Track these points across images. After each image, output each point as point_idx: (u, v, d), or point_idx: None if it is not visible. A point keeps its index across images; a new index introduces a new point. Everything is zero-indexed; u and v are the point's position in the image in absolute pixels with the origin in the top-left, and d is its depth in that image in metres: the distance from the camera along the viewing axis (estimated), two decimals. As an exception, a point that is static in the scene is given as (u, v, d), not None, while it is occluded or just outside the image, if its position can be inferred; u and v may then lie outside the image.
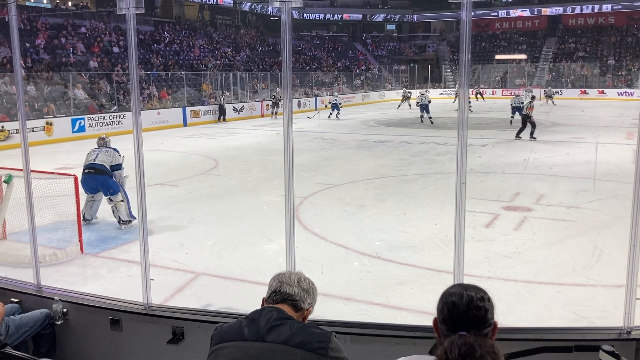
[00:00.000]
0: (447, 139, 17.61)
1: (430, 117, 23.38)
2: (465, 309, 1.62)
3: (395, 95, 42.98)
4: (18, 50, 3.99)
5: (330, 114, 27.28)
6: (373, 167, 13.20)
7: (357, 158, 14.76)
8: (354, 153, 15.80)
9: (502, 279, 5.96)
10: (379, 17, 51.94)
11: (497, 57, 45.60)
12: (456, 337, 1.52)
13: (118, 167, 8.42)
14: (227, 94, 28.83)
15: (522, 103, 20.69)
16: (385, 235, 7.63)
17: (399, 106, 31.86)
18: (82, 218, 7.82)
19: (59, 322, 3.68)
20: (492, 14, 48.20)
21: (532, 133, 17.16)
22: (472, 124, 18.79)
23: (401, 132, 20.73)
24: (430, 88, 43.79)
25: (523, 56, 45.51)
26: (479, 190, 10.08)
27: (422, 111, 23.85)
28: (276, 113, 28.06)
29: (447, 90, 42.86)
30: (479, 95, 36.44)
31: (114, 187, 8.15)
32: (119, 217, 8.16)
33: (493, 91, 41.79)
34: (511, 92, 40.57)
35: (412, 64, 47.95)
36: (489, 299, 1.67)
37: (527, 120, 17.28)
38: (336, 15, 50.61)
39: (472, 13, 3.01)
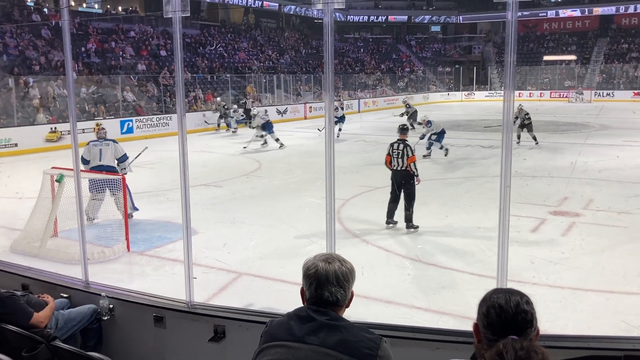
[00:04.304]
0: (492, 142, 17.27)
1: (278, 140, 17.62)
2: (513, 313, 1.60)
3: (440, 97, 42.51)
4: (70, 53, 4.12)
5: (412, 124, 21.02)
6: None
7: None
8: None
9: (547, 285, 5.80)
10: (424, 19, 51.46)
11: (545, 58, 44.48)
12: (510, 341, 1.50)
13: (124, 157, 8.72)
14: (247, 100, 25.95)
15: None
16: (428, 238, 7.55)
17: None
18: (86, 217, 8.02)
19: (106, 318, 3.78)
20: (540, 14, 47.05)
21: (407, 219, 7.94)
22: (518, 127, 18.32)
23: (446, 135, 20.41)
24: (475, 90, 43.10)
25: (572, 57, 44.23)
26: (524, 194, 9.85)
27: (263, 130, 17.77)
28: (229, 126, 22.60)
29: (492, 92, 42.09)
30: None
31: (120, 184, 8.29)
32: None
33: (541, 93, 40.79)
34: (560, 95, 39.45)
35: (457, 66, 47.30)
36: (532, 303, 1.65)
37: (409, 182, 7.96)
38: (380, 17, 50.39)
39: (520, 14, 2.95)
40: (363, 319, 3.60)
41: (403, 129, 8.47)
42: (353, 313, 2.10)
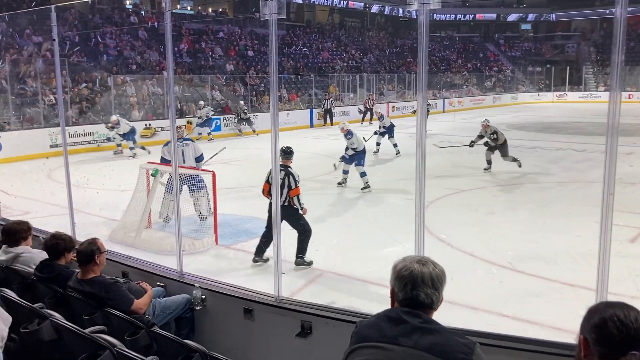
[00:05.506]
0: (585, 146, 16.40)
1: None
2: (635, 328, 1.52)
3: (529, 97, 40.90)
4: (171, 54, 4.34)
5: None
6: (504, 173, 12.65)
7: (486, 163, 14.20)
8: (484, 158, 15.22)
9: (648, 300, 5.44)
10: (514, 17, 49.62)
11: (648, 57, 41.58)
12: (638, 357, 1.45)
13: (201, 157, 8.93)
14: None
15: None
16: (516, 244, 7.30)
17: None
18: (164, 217, 8.33)
19: (199, 308, 3.95)
20: (642, 10, 44.02)
21: None
22: (619, 130, 17.28)
23: (535, 137, 19.65)
24: (568, 91, 41.11)
25: (680, 56, 41.04)
26: (623, 201, 9.20)
27: (124, 137, 16.14)
28: (251, 130, 21.35)
29: (587, 93, 39.93)
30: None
31: (199, 185, 8.31)
32: (200, 211, 8.37)
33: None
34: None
35: (548, 65, 45.23)
36: None
37: None
38: (468, 15, 49.12)
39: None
40: (448, 323, 3.54)
41: (286, 152, 6.92)
42: (438, 317, 2.07)
